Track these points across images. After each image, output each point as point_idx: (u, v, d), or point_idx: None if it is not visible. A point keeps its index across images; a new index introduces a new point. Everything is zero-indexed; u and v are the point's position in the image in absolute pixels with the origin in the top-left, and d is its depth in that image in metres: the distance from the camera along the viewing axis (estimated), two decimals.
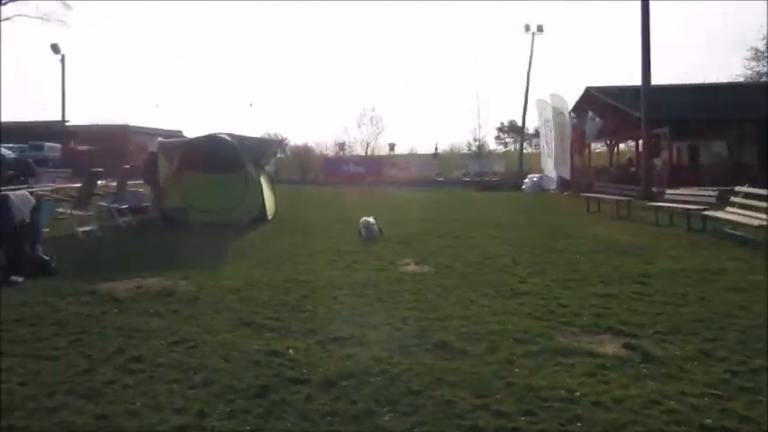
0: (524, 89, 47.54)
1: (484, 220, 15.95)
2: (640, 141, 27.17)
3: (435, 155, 55.02)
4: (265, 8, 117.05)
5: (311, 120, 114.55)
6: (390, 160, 50.00)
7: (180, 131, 50.02)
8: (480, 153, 58.84)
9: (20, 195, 7.98)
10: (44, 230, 9.72)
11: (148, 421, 3.79)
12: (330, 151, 59.41)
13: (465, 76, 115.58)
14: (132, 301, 6.74)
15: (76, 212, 11.45)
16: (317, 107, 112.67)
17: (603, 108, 29.74)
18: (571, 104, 30.74)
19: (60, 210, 11.67)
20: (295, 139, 67.26)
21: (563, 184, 29.91)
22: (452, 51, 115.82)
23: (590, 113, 29.52)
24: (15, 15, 43.26)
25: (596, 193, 21.12)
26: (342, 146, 60.14)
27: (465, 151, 62.74)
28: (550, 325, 6.00)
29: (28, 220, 8.02)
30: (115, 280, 7.70)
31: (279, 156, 39.86)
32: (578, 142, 30.97)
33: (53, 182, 18.47)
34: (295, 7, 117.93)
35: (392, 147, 60.12)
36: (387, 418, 3.89)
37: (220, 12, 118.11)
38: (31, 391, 4.23)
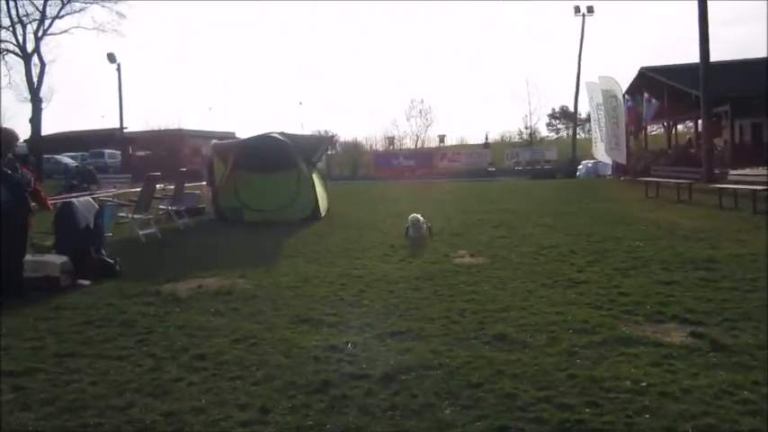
0: (576, 73, 46.45)
1: (538, 209, 15.69)
2: (699, 122, 26.22)
3: (486, 144, 54.52)
4: (306, 7, 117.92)
5: (361, 115, 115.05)
6: (441, 152, 49.75)
7: (233, 133, 51.10)
8: (532, 141, 57.93)
9: (83, 201, 8.28)
10: (107, 235, 10.05)
11: (213, 417, 3.87)
12: (380, 146, 59.62)
13: (515, 61, 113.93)
14: (194, 300, 6.90)
15: (137, 216, 11.80)
16: (366, 102, 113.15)
17: (659, 88, 28.84)
18: (625, 86, 29.92)
19: (122, 214, 12.05)
20: (345, 135, 67.77)
21: (619, 169, 29.15)
22: (502, 36, 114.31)
23: (645, 95, 28.64)
24: (72, 28, 44.90)
25: (654, 176, 20.49)
26: (391, 140, 60.22)
27: (516, 140, 61.92)
28: (612, 314, 5.85)
29: (92, 225, 8.31)
30: (176, 280, 7.90)
31: (329, 152, 40.15)
32: (634, 125, 30.10)
33: (114, 188, 19.08)
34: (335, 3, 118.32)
35: (442, 138, 59.86)
36: (448, 412, 3.86)
37: (267, 12, 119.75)
38: (102, 390, 4.38)
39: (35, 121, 39.02)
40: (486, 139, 58.73)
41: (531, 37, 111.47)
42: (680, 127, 38.51)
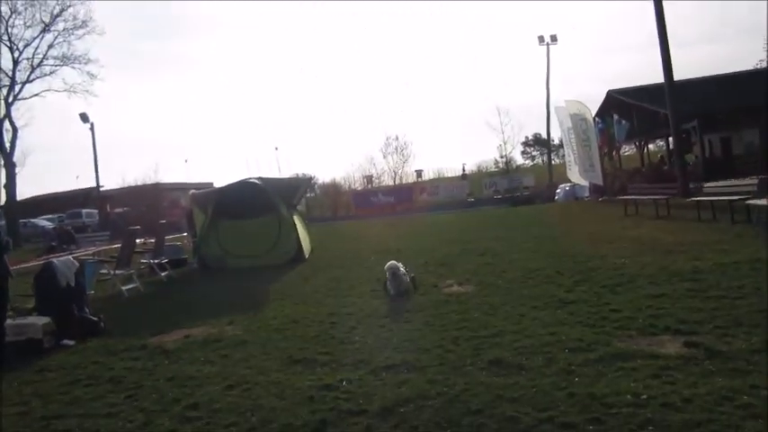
0: (545, 99, 47.35)
1: (520, 234, 15.76)
2: (670, 139, 26.76)
3: (464, 176, 54.98)
4: (277, 41, 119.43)
5: (337, 156, 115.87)
6: (419, 186, 50.08)
7: (211, 183, 50.90)
8: (508, 169, 58.62)
9: (63, 260, 8.15)
10: (89, 293, 9.87)
11: None
12: (358, 185, 59.85)
13: (485, 92, 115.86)
14: (182, 351, 6.76)
15: (119, 272, 11.63)
16: (341, 143, 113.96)
17: (629, 109, 29.47)
18: (595, 109, 30.52)
19: (103, 271, 11.88)
20: (322, 176, 67.92)
21: (596, 190, 29.50)
22: (469, 68, 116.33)
23: (615, 116, 29.23)
24: (43, 91, 44.93)
25: (631, 195, 20.76)
26: (369, 178, 60.53)
27: (493, 169, 62.58)
28: (605, 331, 5.84)
29: (73, 284, 8.16)
30: (163, 333, 7.75)
31: (308, 195, 40.21)
32: (607, 146, 30.62)
33: (94, 246, 18.87)
34: (306, 35, 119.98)
35: (419, 173, 60.35)
36: None
37: (233, 57, 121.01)
38: None
39: (9, 186, 38.68)
40: (464, 170, 59.24)
41: (499, 66, 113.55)
42: (651, 146, 39.26)
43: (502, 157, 62.37)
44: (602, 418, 3.88)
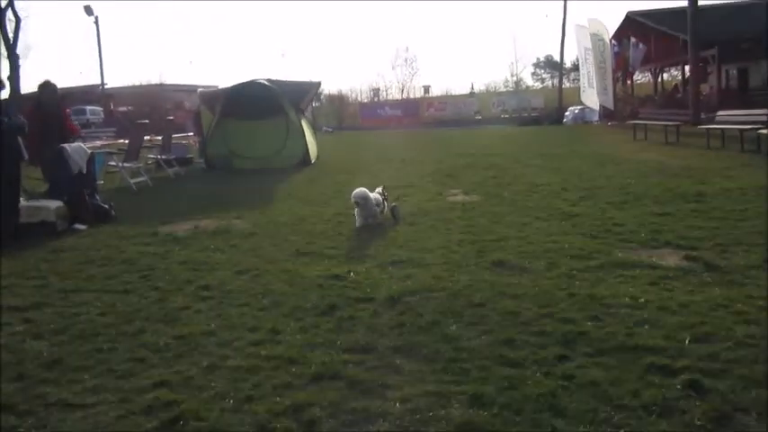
0: (561, 21, 45.86)
1: (527, 152, 15.74)
2: (686, 67, 26.18)
3: (472, 93, 54.03)
4: None
5: (344, 67, 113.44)
6: (426, 101, 49.38)
7: (215, 86, 50.21)
8: (518, 89, 57.57)
9: (75, 147, 8.19)
10: (99, 183, 9.97)
11: (225, 339, 3.94)
12: (365, 98, 58.99)
13: (499, 10, 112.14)
14: (192, 239, 6.94)
15: (127, 164, 11.71)
16: (348, 55, 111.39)
17: (647, 33, 28.64)
18: (612, 31, 29.65)
19: (112, 163, 11.95)
20: (329, 87, 66.87)
21: (606, 114, 29.16)
22: None
23: (633, 40, 28.47)
24: None
25: (642, 120, 20.54)
26: (376, 91, 59.59)
27: (502, 89, 61.56)
28: (608, 242, 5.97)
29: (85, 171, 8.24)
30: (172, 223, 7.92)
31: (314, 104, 39.73)
32: (621, 71, 30.00)
33: (100, 140, 18.85)
34: None
35: (427, 89, 59.30)
36: (453, 328, 3.97)
37: None
38: (111, 320, 4.43)
39: (13, 78, 38.12)
40: (472, 88, 58.32)
41: None
42: (666, 75, 38.45)
43: (512, 75, 61.24)
44: (601, 316, 4.04)
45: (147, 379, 3.42)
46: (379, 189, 7.57)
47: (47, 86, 8.90)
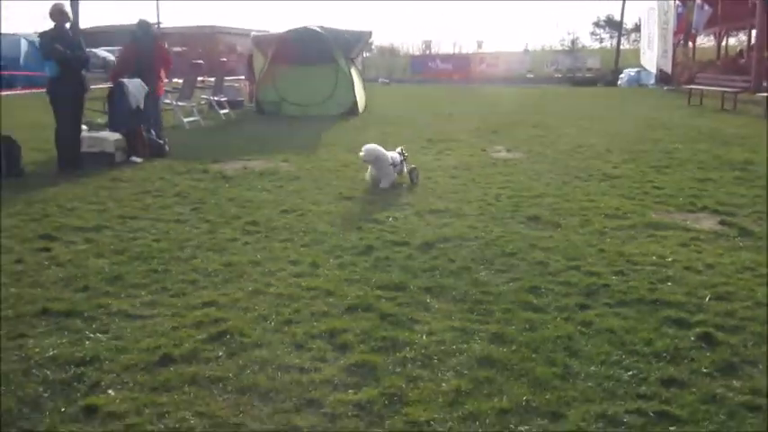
0: None
1: (576, 112, 15.53)
2: (753, 32, 25.01)
3: (526, 51, 52.74)
4: None
5: (397, 19, 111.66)
6: (479, 57, 48.48)
7: (267, 31, 50.27)
8: (573, 48, 55.90)
9: (134, 83, 8.53)
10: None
11: (269, 269, 4.25)
12: (416, 50, 58.20)
13: None
14: (240, 178, 7.26)
15: (180, 103, 12.08)
16: (402, 5, 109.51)
17: None
18: None
19: (166, 101, 12.32)
20: (380, 39, 66.19)
21: (663, 78, 28.23)
22: None
23: (698, 1, 27.25)
24: None
25: (698, 85, 19.89)
26: (428, 44, 58.70)
27: (557, 48, 59.84)
28: (644, 204, 6.05)
29: (142, 107, 8.61)
30: (222, 162, 8.26)
31: (365, 54, 39.45)
32: (683, 33, 28.84)
33: None
34: None
35: (480, 44, 58.07)
36: (483, 274, 4.18)
37: None
38: (165, 245, 4.79)
39: (73, 12, 38.89)
40: (527, 46, 56.89)
41: None
42: (732, 41, 36.80)
43: (569, 33, 59.40)
44: (626, 271, 4.19)
45: (197, 298, 3.76)
46: (399, 149, 7.03)
47: (141, 24, 9.52)
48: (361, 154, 6.50)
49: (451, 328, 3.37)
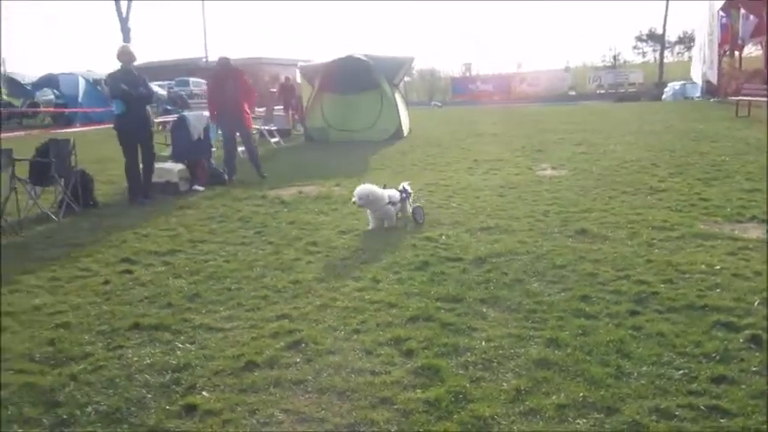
0: None
1: (620, 128, 15.54)
2: None
3: (567, 68, 52.53)
4: None
5: (436, 43, 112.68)
6: (519, 76, 48.58)
7: (309, 60, 51.48)
8: (615, 64, 55.43)
9: (195, 115, 9.08)
10: (212, 150, 10.92)
11: (333, 285, 4.57)
12: (456, 72, 58.66)
13: None
14: (297, 202, 7.65)
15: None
16: (441, 28, 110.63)
17: (759, 3, 26.99)
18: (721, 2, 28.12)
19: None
20: (421, 63, 66.89)
21: (709, 90, 27.88)
22: None
23: (742, 11, 26.93)
24: None
25: (746, 95, 19.63)
26: (468, 66, 59.12)
27: (598, 64, 59.45)
28: (691, 216, 6.16)
29: (203, 138, 9.13)
30: (278, 188, 8.68)
31: (406, 79, 40.16)
32: (728, 43, 28.46)
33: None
34: None
35: (519, 65, 58.16)
36: (535, 285, 4.41)
37: None
38: (235, 266, 5.16)
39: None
40: (567, 63, 56.67)
41: None
42: None
43: (610, 49, 58.99)
44: (675, 280, 4.36)
45: (270, 312, 4.09)
46: (404, 185, 6.56)
47: (221, 62, 9.89)
48: (354, 199, 5.94)
49: (508, 334, 3.61)
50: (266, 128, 14.52)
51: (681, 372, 3.08)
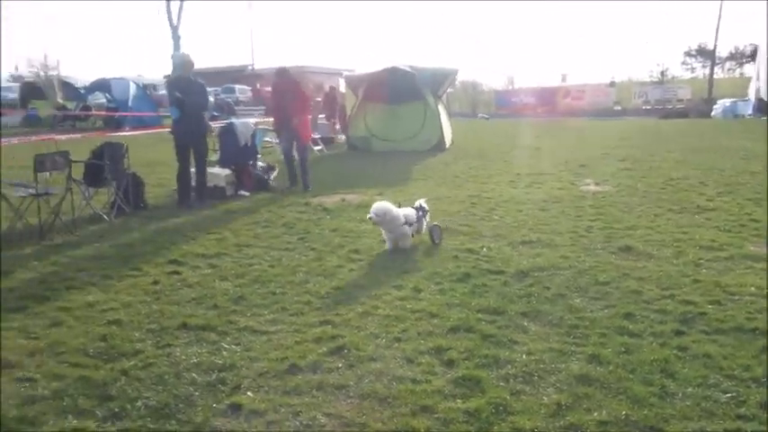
0: (718, 5, 42.88)
1: (667, 145, 15.28)
2: None
3: (612, 83, 51.87)
4: None
5: (479, 55, 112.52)
6: (563, 90, 48.13)
7: (353, 70, 51.97)
8: (663, 79, 54.45)
9: (243, 122, 9.29)
10: (258, 156, 11.13)
11: (375, 292, 4.61)
12: (499, 85, 58.47)
13: None
14: (340, 210, 7.74)
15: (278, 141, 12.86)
16: (485, 39, 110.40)
17: None
18: None
19: (267, 139, 13.17)
20: (463, 75, 66.86)
21: (760, 108, 27.18)
22: None
23: None
24: None
25: None
26: (511, 79, 58.88)
27: (645, 80, 58.48)
28: (740, 236, 6.04)
29: (250, 144, 9.33)
30: (321, 195, 8.80)
31: (449, 90, 40.17)
32: None
33: (252, 117, 20.50)
34: None
35: (564, 77, 57.65)
36: (578, 301, 4.38)
37: None
38: (279, 271, 5.26)
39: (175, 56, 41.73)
40: (613, 78, 55.91)
41: None
42: None
43: (657, 65, 58.00)
44: (723, 301, 4.28)
45: (313, 317, 4.16)
46: (420, 202, 6.27)
47: (280, 71, 9.88)
48: (370, 215, 5.68)
49: (549, 348, 3.60)
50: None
51: (728, 395, 3.04)
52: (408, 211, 5.92)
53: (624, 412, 2.90)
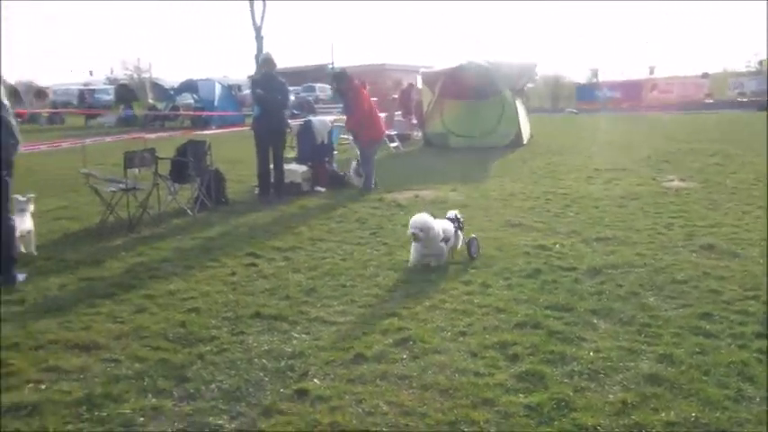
0: None
1: (761, 139, 14.43)
2: None
3: (705, 74, 49.24)
4: None
5: (561, 47, 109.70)
6: (650, 83, 46.16)
7: (431, 66, 51.83)
8: (760, 70, 51.21)
9: (320, 120, 9.52)
10: (335, 152, 11.36)
11: (442, 287, 4.65)
12: (582, 78, 56.75)
13: None
14: (413, 206, 7.79)
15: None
16: (566, 31, 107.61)
17: None
18: None
19: (344, 136, 13.37)
20: (545, 69, 65.39)
21: None
22: None
23: None
24: None
25: None
26: (595, 72, 57.00)
27: (741, 70, 55.24)
28: None
29: (326, 142, 9.55)
30: (395, 191, 8.88)
31: (529, 85, 39.43)
32: None
33: (331, 114, 20.86)
34: None
35: (651, 70, 55.30)
36: (651, 299, 4.26)
37: None
38: (350, 264, 5.38)
39: (259, 57, 43.06)
40: (706, 70, 53.12)
41: None
42: None
43: (755, 54, 54.64)
44: None
45: (381, 310, 4.25)
46: (453, 213, 5.73)
47: (336, 75, 10.08)
48: (412, 230, 5.07)
49: (618, 347, 3.53)
50: (387, 132, 14.84)
51: None
52: (446, 226, 5.36)
53: (694, 414, 2.81)
